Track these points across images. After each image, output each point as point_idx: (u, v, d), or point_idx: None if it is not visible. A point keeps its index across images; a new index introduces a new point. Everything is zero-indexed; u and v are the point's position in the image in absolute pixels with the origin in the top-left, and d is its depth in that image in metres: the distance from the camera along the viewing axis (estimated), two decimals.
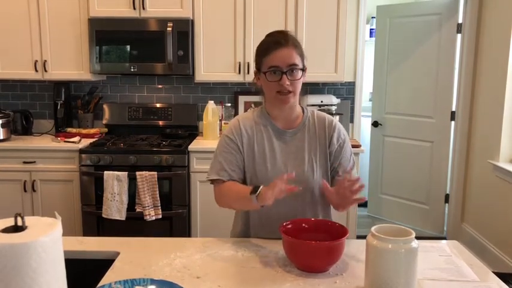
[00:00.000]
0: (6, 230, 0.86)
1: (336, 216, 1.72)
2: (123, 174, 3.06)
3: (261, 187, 1.42)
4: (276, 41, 1.55)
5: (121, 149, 3.18)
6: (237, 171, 1.63)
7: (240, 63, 3.38)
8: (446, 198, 4.03)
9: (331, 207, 1.68)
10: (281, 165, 1.61)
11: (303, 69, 1.56)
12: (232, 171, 1.62)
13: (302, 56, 1.56)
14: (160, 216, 3.11)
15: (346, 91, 3.79)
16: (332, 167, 1.66)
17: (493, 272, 1.38)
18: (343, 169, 1.64)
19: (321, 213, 1.67)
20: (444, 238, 3.98)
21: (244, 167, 1.64)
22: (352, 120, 3.82)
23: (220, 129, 3.59)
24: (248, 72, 3.38)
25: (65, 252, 0.92)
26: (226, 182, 1.61)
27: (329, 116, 1.71)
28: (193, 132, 3.69)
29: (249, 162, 1.63)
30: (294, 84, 1.54)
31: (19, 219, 0.87)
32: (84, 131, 3.53)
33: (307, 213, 1.63)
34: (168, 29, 3.24)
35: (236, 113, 3.72)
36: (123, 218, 3.09)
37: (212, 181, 1.65)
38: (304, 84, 1.61)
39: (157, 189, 3.08)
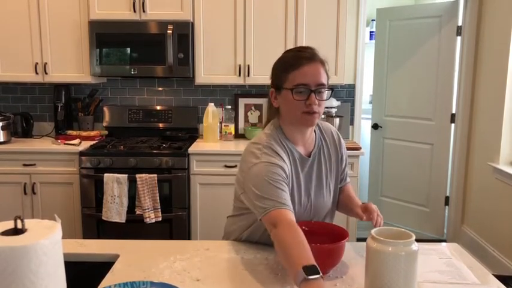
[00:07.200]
0: (6, 233, 0.86)
1: (336, 218, 1.72)
2: (123, 177, 3.06)
3: (318, 276, 1.07)
4: (304, 56, 1.40)
5: (121, 152, 3.18)
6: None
7: (240, 65, 3.38)
8: (447, 201, 4.02)
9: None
10: (304, 196, 1.51)
11: (331, 90, 1.44)
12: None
13: (327, 75, 1.43)
14: (160, 219, 3.11)
15: (346, 93, 3.80)
16: (340, 178, 1.65)
17: (493, 274, 1.38)
18: (345, 176, 1.67)
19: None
20: (444, 241, 3.97)
21: None
22: (352, 123, 3.82)
23: (220, 132, 3.59)
24: (248, 75, 3.39)
25: (65, 255, 0.92)
26: (294, 223, 1.27)
27: (332, 126, 1.65)
28: (194, 134, 3.69)
29: None
30: (321, 104, 1.40)
31: (19, 221, 0.87)
32: (84, 134, 3.53)
33: None
34: (168, 31, 3.24)
35: (236, 115, 3.72)
36: (123, 221, 3.08)
37: (266, 212, 1.31)
38: None
39: (157, 191, 3.08)
